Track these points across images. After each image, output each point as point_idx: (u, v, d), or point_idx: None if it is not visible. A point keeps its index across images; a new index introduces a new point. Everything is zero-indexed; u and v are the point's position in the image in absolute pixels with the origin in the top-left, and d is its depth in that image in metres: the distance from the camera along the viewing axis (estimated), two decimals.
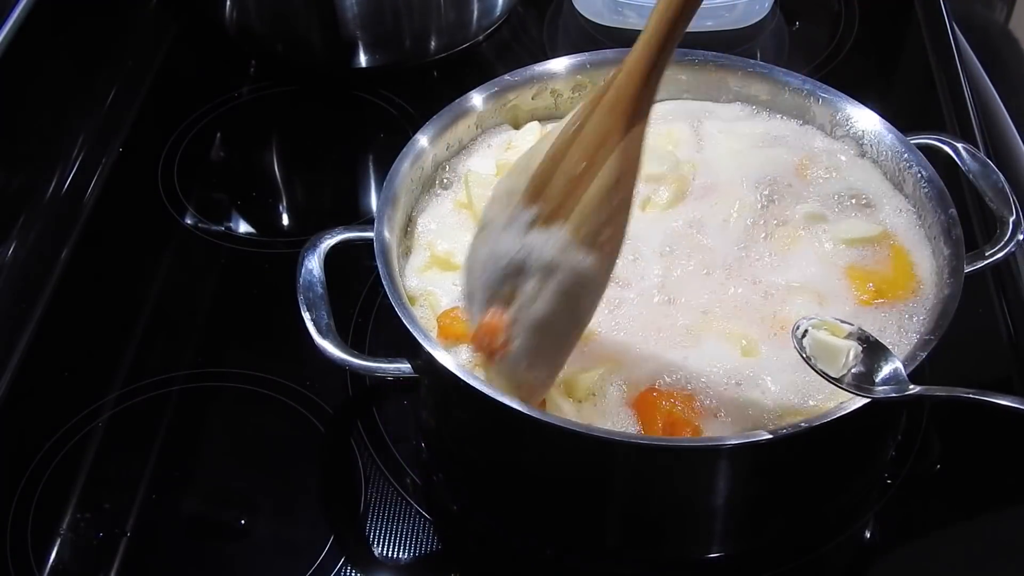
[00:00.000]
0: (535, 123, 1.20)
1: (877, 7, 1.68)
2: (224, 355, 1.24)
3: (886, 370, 0.92)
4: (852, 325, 0.94)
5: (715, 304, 1.03)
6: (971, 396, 0.90)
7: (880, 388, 0.91)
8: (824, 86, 1.19)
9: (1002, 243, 1.07)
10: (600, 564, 1.06)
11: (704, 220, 1.10)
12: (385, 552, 1.06)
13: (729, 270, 1.06)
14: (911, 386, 0.91)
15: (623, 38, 1.59)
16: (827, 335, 0.94)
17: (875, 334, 0.95)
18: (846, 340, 0.93)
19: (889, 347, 0.94)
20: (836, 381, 0.92)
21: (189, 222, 1.39)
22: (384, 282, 1.00)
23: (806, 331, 0.94)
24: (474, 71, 1.56)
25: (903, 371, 0.91)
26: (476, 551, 1.08)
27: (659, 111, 1.19)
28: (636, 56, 0.88)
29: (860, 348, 0.93)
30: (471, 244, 0.95)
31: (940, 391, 0.92)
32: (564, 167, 0.89)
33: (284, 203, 1.47)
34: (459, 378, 0.93)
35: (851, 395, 0.92)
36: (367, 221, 1.15)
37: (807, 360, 0.93)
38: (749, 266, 1.06)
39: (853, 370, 0.92)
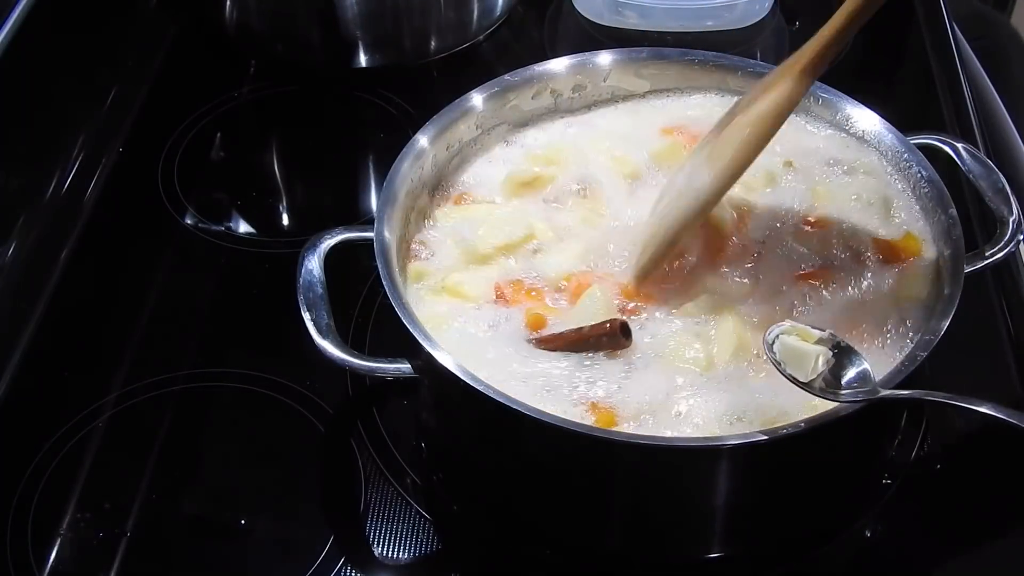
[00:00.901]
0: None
1: None
2: (224, 355, 1.24)
3: (853, 374, 0.92)
4: (823, 331, 0.95)
5: None
6: (940, 400, 0.91)
7: (846, 392, 0.92)
8: (824, 86, 1.19)
9: (1002, 243, 1.07)
10: (600, 564, 1.06)
11: None
12: (385, 552, 1.06)
13: None
14: (878, 389, 0.91)
15: (623, 38, 1.59)
16: (796, 340, 0.95)
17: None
18: (815, 345, 0.94)
19: (885, 349, 0.94)
20: (804, 386, 0.93)
21: (189, 222, 1.39)
22: (384, 282, 1.00)
23: (777, 336, 0.95)
24: (474, 71, 1.56)
25: (871, 374, 0.92)
26: (476, 551, 1.08)
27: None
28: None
29: (831, 353, 0.93)
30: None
31: (905, 394, 0.92)
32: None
33: (284, 203, 1.47)
34: (459, 378, 0.93)
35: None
36: (367, 221, 1.14)
37: (776, 365, 0.94)
38: None
39: (823, 375, 0.93)
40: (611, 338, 0.99)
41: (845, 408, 0.91)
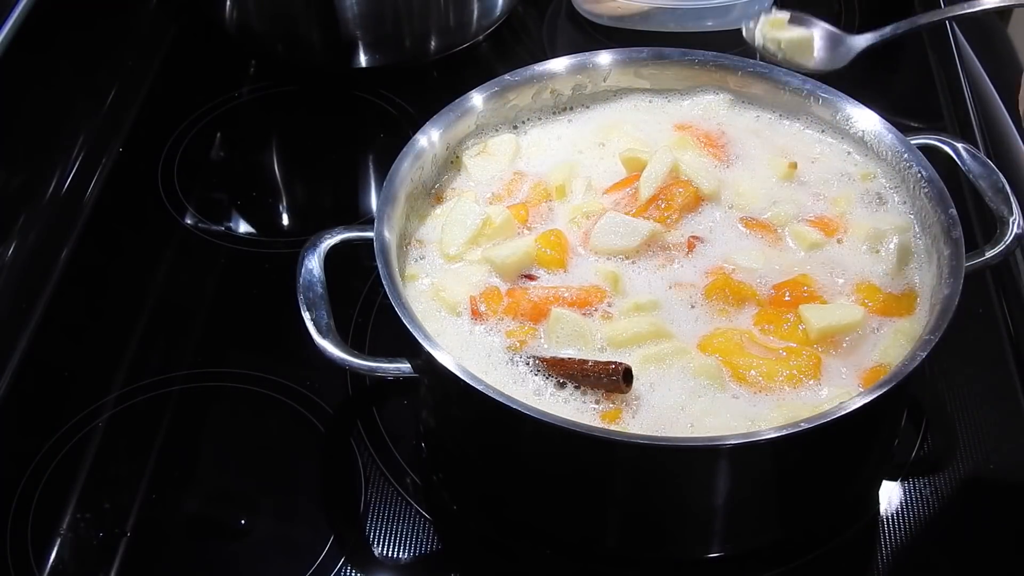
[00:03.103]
0: (511, 135, 1.21)
1: (877, 7, 1.68)
2: (224, 355, 1.24)
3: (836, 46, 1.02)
4: (785, 12, 1.00)
5: None
6: (934, 20, 1.03)
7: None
8: (824, 86, 1.19)
9: (1002, 243, 1.07)
10: (600, 564, 1.06)
11: None
12: (385, 552, 1.06)
13: None
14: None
15: (623, 38, 1.59)
16: (783, 32, 1.00)
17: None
18: (802, 29, 0.99)
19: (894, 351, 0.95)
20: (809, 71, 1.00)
21: (189, 222, 1.39)
22: (384, 282, 1.00)
23: (763, 36, 1.00)
24: (474, 71, 1.56)
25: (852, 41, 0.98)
26: (476, 551, 1.08)
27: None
28: None
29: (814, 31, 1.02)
30: None
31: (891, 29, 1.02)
32: None
33: (284, 203, 1.47)
34: (459, 378, 0.93)
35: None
36: (367, 221, 1.15)
37: (780, 62, 0.97)
38: None
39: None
40: (611, 380, 0.97)
41: (847, 407, 0.91)
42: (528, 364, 1.01)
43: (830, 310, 1.03)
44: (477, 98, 1.18)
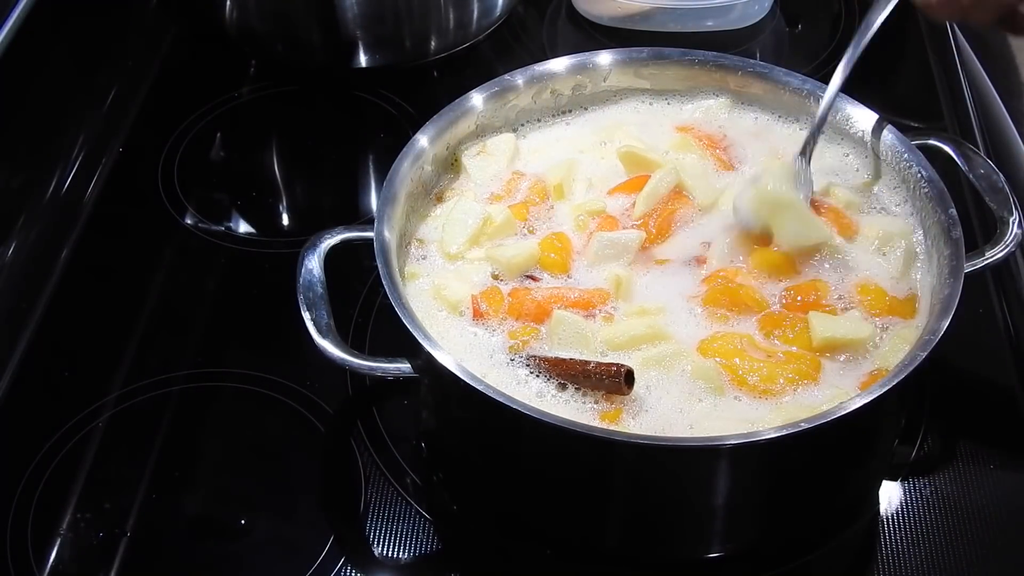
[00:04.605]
0: (509, 135, 1.21)
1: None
2: (224, 355, 1.24)
3: None
4: None
5: None
6: None
7: None
8: (824, 86, 1.19)
9: (1002, 243, 1.07)
10: (600, 564, 1.06)
11: None
12: (385, 552, 1.06)
13: None
14: None
15: (623, 38, 1.59)
16: None
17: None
18: None
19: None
20: None
21: (189, 222, 1.39)
22: (384, 282, 1.00)
23: None
24: (474, 71, 1.56)
25: None
26: (476, 551, 1.08)
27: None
28: None
29: None
30: None
31: None
32: None
33: (284, 203, 1.47)
34: (459, 378, 0.93)
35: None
36: (367, 221, 1.15)
37: None
38: None
39: None
40: (613, 381, 0.97)
41: (847, 407, 0.91)
42: (529, 365, 1.01)
43: (838, 322, 1.02)
44: (477, 98, 1.18)
